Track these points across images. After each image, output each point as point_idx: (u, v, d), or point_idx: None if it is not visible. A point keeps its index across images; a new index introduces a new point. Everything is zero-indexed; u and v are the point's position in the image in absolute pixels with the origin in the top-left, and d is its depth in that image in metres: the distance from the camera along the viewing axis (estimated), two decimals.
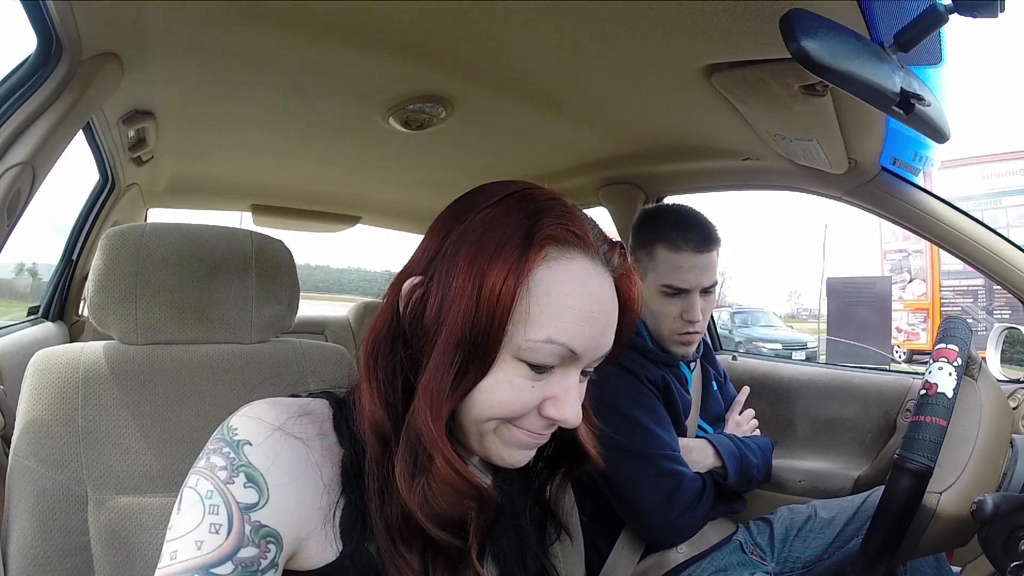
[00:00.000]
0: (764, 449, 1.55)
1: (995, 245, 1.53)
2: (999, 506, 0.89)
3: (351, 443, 0.67)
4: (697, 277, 1.42)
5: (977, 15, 0.75)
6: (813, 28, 0.72)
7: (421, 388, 0.61)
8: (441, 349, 0.60)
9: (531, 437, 0.66)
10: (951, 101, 1.02)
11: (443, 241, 0.64)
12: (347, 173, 2.36)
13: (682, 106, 1.44)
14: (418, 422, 0.61)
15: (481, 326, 0.59)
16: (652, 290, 1.47)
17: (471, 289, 0.59)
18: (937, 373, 1.01)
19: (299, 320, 1.19)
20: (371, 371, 0.65)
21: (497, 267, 0.59)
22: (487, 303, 0.59)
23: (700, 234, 1.43)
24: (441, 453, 0.60)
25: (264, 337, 1.13)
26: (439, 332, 0.61)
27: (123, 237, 1.04)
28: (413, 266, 0.67)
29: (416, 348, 0.64)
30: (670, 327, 1.47)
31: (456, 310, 0.60)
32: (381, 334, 0.66)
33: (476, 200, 0.66)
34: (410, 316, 0.64)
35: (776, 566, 1.45)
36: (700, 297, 1.44)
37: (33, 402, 0.95)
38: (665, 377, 1.47)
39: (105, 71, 1.17)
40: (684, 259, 1.42)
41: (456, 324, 0.60)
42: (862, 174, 1.53)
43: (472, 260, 0.60)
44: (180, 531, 0.57)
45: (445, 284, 0.61)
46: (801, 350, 11.97)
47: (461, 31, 1.17)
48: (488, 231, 0.61)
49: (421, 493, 0.61)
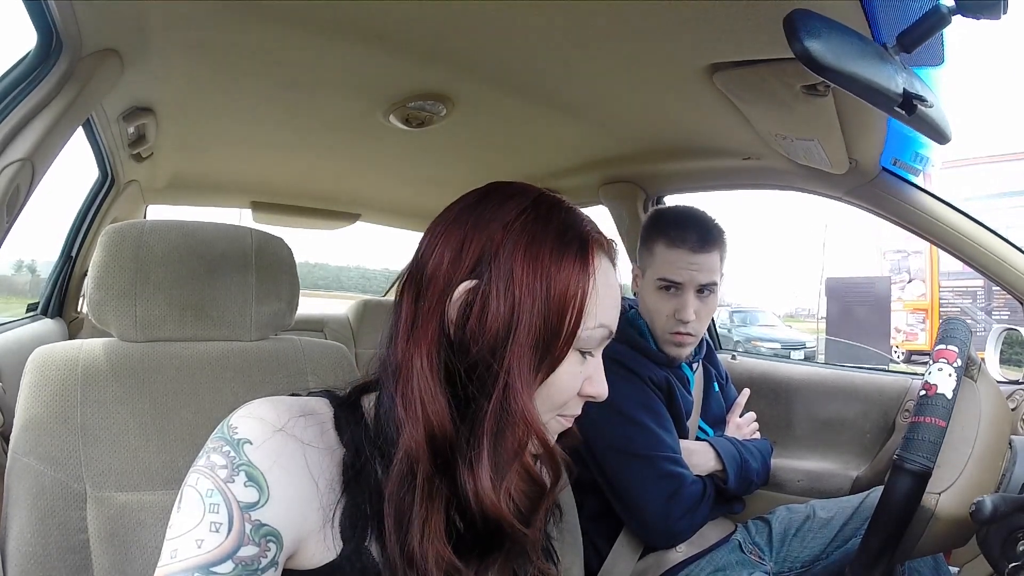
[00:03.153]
0: (764, 453, 1.55)
1: (995, 246, 1.53)
2: (998, 507, 0.89)
3: (352, 443, 0.66)
4: (691, 274, 1.42)
5: (980, 16, 0.75)
6: (816, 28, 0.72)
7: (512, 390, 0.62)
8: (518, 351, 0.62)
9: (567, 422, 0.72)
10: (970, 100, 1.02)
11: (483, 247, 0.64)
12: (347, 170, 2.36)
13: (683, 105, 1.43)
14: (514, 420, 0.62)
15: (553, 326, 0.63)
16: (650, 287, 1.48)
17: (541, 292, 0.63)
18: (937, 374, 1.01)
19: (298, 318, 1.19)
20: (430, 380, 0.64)
21: (564, 272, 0.64)
22: (558, 304, 0.63)
23: (699, 233, 1.43)
24: (547, 444, 0.66)
25: (264, 335, 1.13)
26: (514, 333, 0.62)
27: (123, 234, 1.04)
28: (448, 271, 0.65)
29: (475, 352, 0.63)
30: (663, 325, 1.47)
31: (529, 312, 0.62)
32: (435, 340, 0.65)
33: (501, 204, 0.67)
34: (464, 319, 0.64)
35: (775, 566, 1.46)
36: (696, 298, 1.44)
37: (32, 399, 0.95)
38: (668, 378, 1.47)
39: (105, 67, 1.17)
40: (680, 256, 1.42)
41: (533, 324, 0.63)
42: (863, 174, 1.53)
43: (533, 265, 0.63)
44: (180, 529, 0.57)
45: (506, 288, 0.63)
46: (800, 350, 11.97)
47: (462, 29, 1.17)
48: (537, 237, 0.64)
49: (507, 494, 0.65)
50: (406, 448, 0.63)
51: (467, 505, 0.63)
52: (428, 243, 0.68)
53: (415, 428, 0.63)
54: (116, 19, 1.10)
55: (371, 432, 0.68)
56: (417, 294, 0.67)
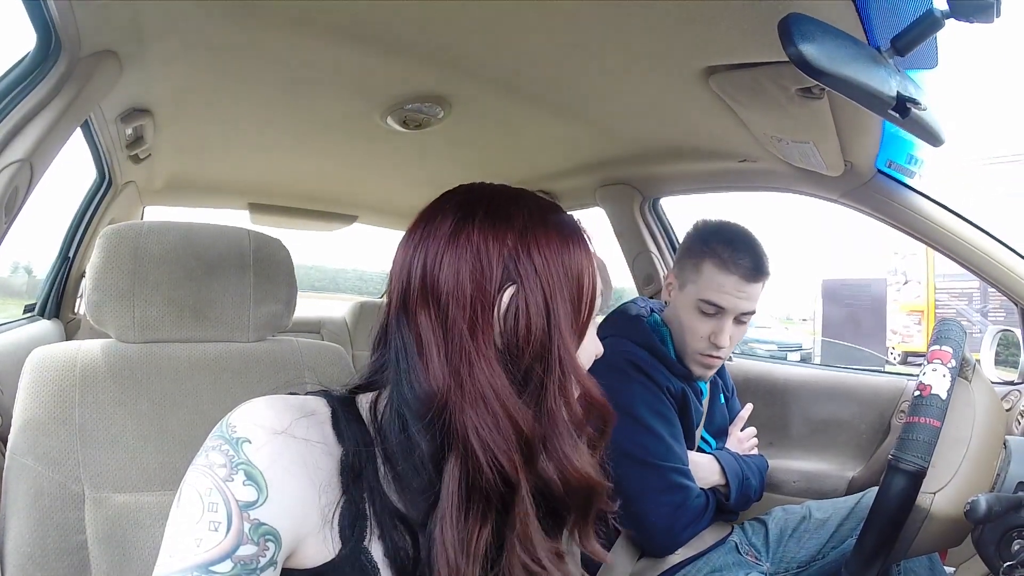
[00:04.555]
0: (762, 470, 1.56)
1: (990, 248, 1.53)
2: (992, 507, 0.90)
3: (350, 443, 0.67)
4: (736, 302, 1.40)
5: (973, 20, 0.75)
6: (811, 32, 0.72)
7: (566, 368, 0.68)
8: (561, 334, 0.68)
9: None
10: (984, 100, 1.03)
11: (501, 253, 0.67)
12: (344, 172, 2.36)
13: (679, 108, 1.44)
14: (571, 392, 0.70)
15: (578, 304, 0.70)
16: (688, 303, 1.45)
17: (564, 279, 0.69)
18: (931, 374, 1.01)
19: (295, 319, 1.19)
20: (507, 390, 0.66)
21: (575, 258, 0.71)
22: (578, 285, 0.70)
23: (753, 261, 1.40)
24: (600, 399, 0.74)
25: (261, 336, 1.13)
26: (555, 319, 0.68)
27: (121, 235, 1.04)
28: (477, 284, 0.66)
29: (529, 348, 0.67)
30: (695, 346, 1.45)
31: (561, 298, 0.68)
32: (493, 350, 0.67)
33: (495, 212, 0.70)
34: (515, 322, 0.67)
35: (771, 566, 1.46)
36: (733, 324, 1.43)
37: (30, 400, 0.95)
38: (684, 390, 1.47)
39: (103, 68, 1.17)
40: (730, 282, 1.39)
41: (566, 308, 0.69)
42: (858, 177, 1.54)
43: (550, 257, 0.69)
44: (179, 528, 0.58)
45: (535, 284, 0.67)
46: (796, 351, 11.96)
47: (460, 32, 1.17)
48: (545, 235, 0.69)
49: (590, 463, 0.72)
50: (492, 467, 0.64)
51: (550, 489, 0.68)
52: (429, 261, 0.68)
53: (503, 445, 0.64)
54: (114, 20, 1.10)
55: (369, 432, 0.68)
56: (439, 310, 0.67)
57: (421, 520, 0.66)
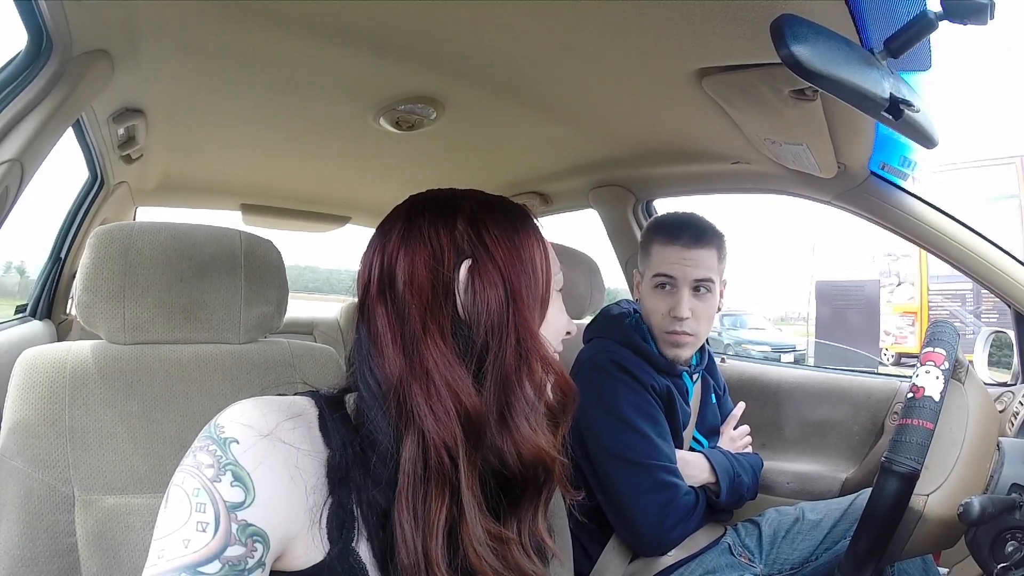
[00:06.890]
0: (755, 468, 1.56)
1: (983, 250, 1.54)
2: (986, 508, 0.90)
3: (338, 444, 0.66)
4: (684, 269, 1.44)
5: (967, 22, 0.75)
6: (804, 34, 0.72)
7: (525, 339, 0.69)
8: (521, 305, 0.70)
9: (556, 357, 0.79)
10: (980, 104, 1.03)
11: (452, 238, 0.70)
12: (337, 173, 2.36)
13: (672, 110, 1.44)
14: (533, 364, 0.70)
15: (536, 278, 0.72)
16: (648, 286, 1.51)
17: (517, 257, 0.71)
18: (924, 376, 1.01)
19: (287, 320, 1.19)
20: (453, 365, 0.67)
21: (527, 239, 0.73)
22: (536, 263, 0.73)
23: (693, 230, 1.46)
24: (563, 373, 0.74)
25: (252, 337, 1.13)
26: (513, 292, 0.70)
27: (112, 236, 1.03)
28: (431, 267, 0.69)
29: (485, 320, 0.69)
30: (659, 323, 1.48)
31: (515, 274, 0.70)
32: (447, 327, 0.69)
33: (439, 209, 0.73)
34: (472, 296, 0.69)
35: (764, 568, 1.46)
36: (692, 296, 1.45)
37: (20, 402, 0.94)
38: (670, 387, 1.48)
39: (95, 68, 1.17)
40: (674, 251, 1.45)
41: (523, 283, 0.71)
42: (851, 178, 1.54)
43: (503, 235, 0.72)
44: (167, 529, 0.57)
45: (492, 260, 0.70)
46: (790, 353, 12.00)
47: (453, 33, 1.17)
48: (492, 219, 0.73)
49: (547, 440, 0.71)
50: (438, 445, 0.65)
51: (505, 462, 0.68)
52: (385, 259, 0.71)
53: (446, 421, 0.65)
54: (106, 20, 1.10)
55: (357, 433, 0.68)
56: (395, 301, 0.69)
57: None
